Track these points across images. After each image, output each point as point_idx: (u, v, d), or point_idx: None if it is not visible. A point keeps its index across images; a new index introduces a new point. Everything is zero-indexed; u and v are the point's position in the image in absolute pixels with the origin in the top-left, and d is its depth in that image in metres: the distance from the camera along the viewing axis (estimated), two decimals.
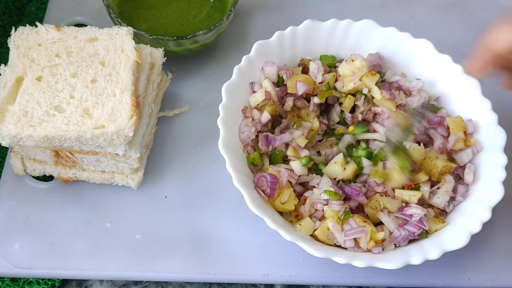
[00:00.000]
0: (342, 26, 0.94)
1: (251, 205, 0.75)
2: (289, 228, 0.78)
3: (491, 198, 0.79)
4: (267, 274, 0.85)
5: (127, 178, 0.90)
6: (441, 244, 0.77)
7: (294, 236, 0.75)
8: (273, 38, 0.92)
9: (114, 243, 0.86)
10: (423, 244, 0.79)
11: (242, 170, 0.82)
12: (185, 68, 1.05)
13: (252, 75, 0.91)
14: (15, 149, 0.87)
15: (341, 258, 0.73)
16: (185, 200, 0.91)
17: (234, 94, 0.87)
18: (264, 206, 0.79)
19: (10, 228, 0.87)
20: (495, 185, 0.80)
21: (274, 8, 1.14)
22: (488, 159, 0.84)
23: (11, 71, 0.84)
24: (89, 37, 0.89)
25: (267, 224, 0.75)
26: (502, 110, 0.88)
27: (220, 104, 0.84)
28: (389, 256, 0.77)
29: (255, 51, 0.91)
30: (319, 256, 0.73)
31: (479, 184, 0.83)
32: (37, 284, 0.85)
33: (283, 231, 0.74)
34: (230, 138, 0.83)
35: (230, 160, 0.79)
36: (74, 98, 0.83)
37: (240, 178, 0.78)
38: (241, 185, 0.77)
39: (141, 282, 0.87)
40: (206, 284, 0.87)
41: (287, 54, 0.95)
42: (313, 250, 0.74)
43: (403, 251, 0.78)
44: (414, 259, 0.74)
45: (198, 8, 1.04)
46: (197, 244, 0.87)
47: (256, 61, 0.91)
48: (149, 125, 0.92)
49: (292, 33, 0.93)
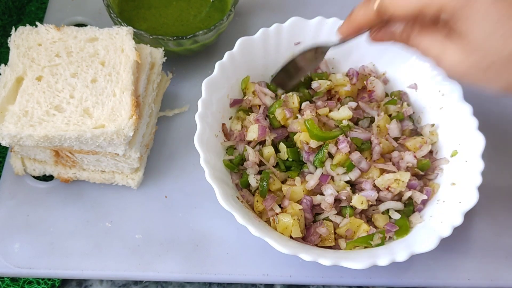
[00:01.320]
0: (328, 24, 0.94)
1: (221, 200, 0.75)
2: (259, 224, 0.78)
3: (466, 203, 0.78)
4: (267, 274, 0.85)
5: (127, 178, 0.90)
6: (410, 246, 0.76)
7: (263, 231, 0.75)
8: (257, 35, 0.92)
9: (114, 243, 0.86)
10: (392, 245, 0.79)
11: (216, 165, 0.82)
12: (185, 68, 1.05)
13: (234, 72, 0.91)
14: (15, 149, 0.87)
15: (307, 255, 0.73)
16: (185, 200, 0.91)
17: (215, 90, 0.87)
18: (236, 203, 0.79)
19: (10, 228, 0.87)
20: (471, 190, 0.79)
21: (274, 8, 1.14)
22: (466, 164, 0.83)
23: (11, 71, 0.84)
24: (89, 37, 0.89)
25: (236, 219, 0.74)
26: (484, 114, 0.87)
27: (200, 99, 0.84)
28: (357, 255, 0.77)
29: (238, 47, 0.90)
30: (286, 253, 0.73)
31: (456, 188, 0.82)
32: (37, 284, 0.85)
33: (251, 227, 0.74)
34: (206, 133, 0.83)
35: (205, 155, 0.79)
36: (74, 98, 0.83)
37: (213, 173, 0.78)
38: (213, 180, 0.77)
39: (141, 282, 0.87)
40: (206, 284, 0.87)
41: (271, 51, 0.94)
42: (280, 246, 0.73)
43: (371, 251, 0.78)
44: (381, 260, 0.73)
45: (198, 8, 1.04)
46: (197, 244, 0.87)
47: (239, 57, 0.90)
48: (149, 125, 0.92)
49: (277, 30, 0.93)
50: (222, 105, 0.89)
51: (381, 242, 0.80)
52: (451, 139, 0.87)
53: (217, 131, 0.87)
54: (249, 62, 0.93)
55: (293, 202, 0.82)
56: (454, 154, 0.86)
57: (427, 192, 0.84)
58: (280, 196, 0.84)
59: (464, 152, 0.84)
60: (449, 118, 0.88)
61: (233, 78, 0.91)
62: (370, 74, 0.96)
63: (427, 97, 0.92)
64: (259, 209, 0.83)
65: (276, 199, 0.82)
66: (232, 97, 0.92)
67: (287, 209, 0.82)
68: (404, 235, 0.81)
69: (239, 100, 0.92)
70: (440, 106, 0.90)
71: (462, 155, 0.85)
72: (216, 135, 0.87)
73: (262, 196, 0.83)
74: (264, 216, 0.83)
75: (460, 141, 0.86)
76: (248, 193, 0.86)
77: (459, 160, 0.85)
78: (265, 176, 0.83)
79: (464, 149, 0.85)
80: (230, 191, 0.81)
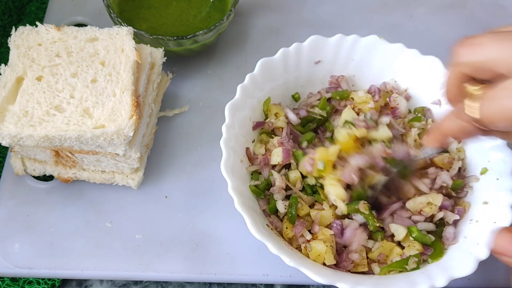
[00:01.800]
0: (348, 42, 0.92)
1: (253, 230, 0.74)
2: (291, 252, 0.77)
3: (500, 223, 0.76)
4: (267, 274, 0.85)
5: (127, 178, 0.90)
6: (448, 270, 0.74)
7: (297, 261, 0.73)
8: (277, 55, 0.90)
9: (114, 243, 0.86)
10: (428, 269, 0.77)
11: (243, 192, 0.80)
12: (185, 68, 1.05)
13: (255, 93, 0.89)
14: (15, 149, 0.87)
15: (345, 284, 0.71)
16: (185, 200, 0.91)
17: (237, 113, 0.85)
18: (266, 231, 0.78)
19: (10, 228, 0.87)
20: (505, 209, 0.77)
21: (274, 8, 1.14)
22: (497, 182, 0.81)
23: (11, 71, 0.84)
24: (89, 37, 0.89)
25: (269, 249, 0.73)
26: None
27: (223, 125, 0.82)
28: (394, 281, 0.75)
29: (259, 69, 0.88)
30: (323, 283, 0.71)
31: (489, 207, 0.80)
32: (37, 284, 0.85)
33: (285, 257, 0.72)
34: (231, 159, 0.81)
35: (232, 182, 0.77)
36: (74, 98, 0.83)
37: (242, 201, 0.76)
38: (242, 209, 0.75)
39: (141, 282, 0.87)
40: (206, 284, 0.87)
41: (291, 71, 0.92)
42: (316, 276, 0.71)
43: (408, 276, 0.76)
44: (419, 286, 0.71)
45: (198, 8, 1.04)
46: (197, 244, 0.87)
47: (259, 79, 0.89)
48: (149, 125, 0.92)
49: (297, 49, 0.91)
50: (245, 128, 0.87)
51: (417, 266, 0.78)
52: (479, 156, 0.85)
53: (241, 156, 0.85)
54: (270, 83, 0.91)
55: (323, 227, 0.80)
56: (484, 171, 0.84)
57: (459, 212, 0.82)
58: (309, 222, 0.82)
59: (494, 170, 0.82)
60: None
61: (254, 100, 0.89)
62: (392, 90, 0.94)
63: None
64: (288, 236, 0.81)
65: (306, 225, 0.80)
66: (254, 120, 0.89)
67: (317, 235, 0.79)
68: (439, 257, 0.78)
69: (262, 123, 0.90)
70: None
71: (492, 172, 0.82)
72: (241, 160, 0.85)
73: (291, 222, 0.81)
74: (294, 243, 0.81)
75: (489, 158, 0.84)
76: (276, 219, 0.83)
77: (490, 178, 0.82)
78: (294, 202, 0.81)
79: (494, 166, 0.83)
80: (259, 219, 0.79)
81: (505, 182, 0.80)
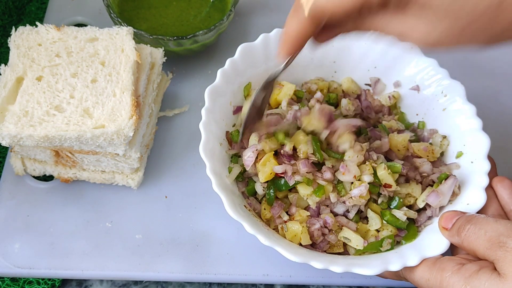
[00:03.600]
0: None
1: (229, 210, 0.74)
2: (268, 232, 0.77)
3: (474, 205, 0.77)
4: (267, 274, 0.85)
5: (127, 178, 0.90)
6: (420, 250, 0.75)
7: (272, 240, 0.74)
8: (258, 41, 0.90)
9: (114, 243, 0.86)
10: (402, 250, 0.78)
11: (222, 174, 0.81)
12: (185, 68, 1.05)
13: (236, 78, 0.89)
14: (15, 149, 0.87)
15: (318, 263, 0.72)
16: (185, 200, 0.91)
17: (218, 98, 0.86)
18: (244, 211, 0.78)
19: (10, 228, 0.87)
20: (478, 192, 0.78)
21: (274, 8, 1.14)
22: (472, 165, 0.83)
23: (11, 71, 0.84)
24: (89, 37, 0.89)
25: (245, 229, 0.74)
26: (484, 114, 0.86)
27: (203, 108, 0.83)
28: (368, 261, 0.76)
29: (239, 53, 0.89)
30: (297, 261, 0.72)
31: (462, 190, 0.82)
32: (37, 284, 0.85)
33: (261, 236, 0.73)
34: (211, 142, 0.82)
35: (211, 164, 0.78)
36: (74, 98, 0.83)
37: (219, 183, 0.77)
38: (220, 190, 0.76)
39: (141, 282, 0.87)
40: (206, 284, 0.87)
41: (272, 56, 0.92)
42: (291, 255, 0.72)
43: (382, 256, 0.77)
44: (392, 266, 0.72)
45: (198, 8, 1.04)
46: (197, 244, 0.87)
47: (240, 63, 0.89)
48: (149, 125, 0.92)
49: (277, 35, 0.91)
50: (225, 112, 0.88)
51: (391, 247, 0.79)
52: (455, 140, 0.87)
53: (221, 140, 0.86)
54: (251, 68, 0.91)
55: (300, 209, 0.81)
56: (459, 155, 0.86)
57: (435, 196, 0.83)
58: (287, 203, 0.83)
59: (469, 153, 0.84)
60: (452, 119, 0.88)
61: (235, 84, 0.90)
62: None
63: (430, 98, 0.91)
64: (266, 217, 0.82)
65: (284, 206, 0.81)
66: (235, 104, 0.90)
67: (294, 216, 0.81)
68: (412, 239, 0.80)
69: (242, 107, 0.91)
70: (443, 107, 0.89)
71: (467, 156, 0.84)
72: (220, 144, 0.85)
73: (269, 204, 0.82)
74: (272, 224, 0.82)
75: (464, 142, 0.85)
76: (254, 201, 0.84)
77: (465, 161, 0.84)
78: (272, 184, 0.82)
79: (469, 150, 0.84)
80: (237, 200, 0.80)
81: (479, 165, 0.81)
